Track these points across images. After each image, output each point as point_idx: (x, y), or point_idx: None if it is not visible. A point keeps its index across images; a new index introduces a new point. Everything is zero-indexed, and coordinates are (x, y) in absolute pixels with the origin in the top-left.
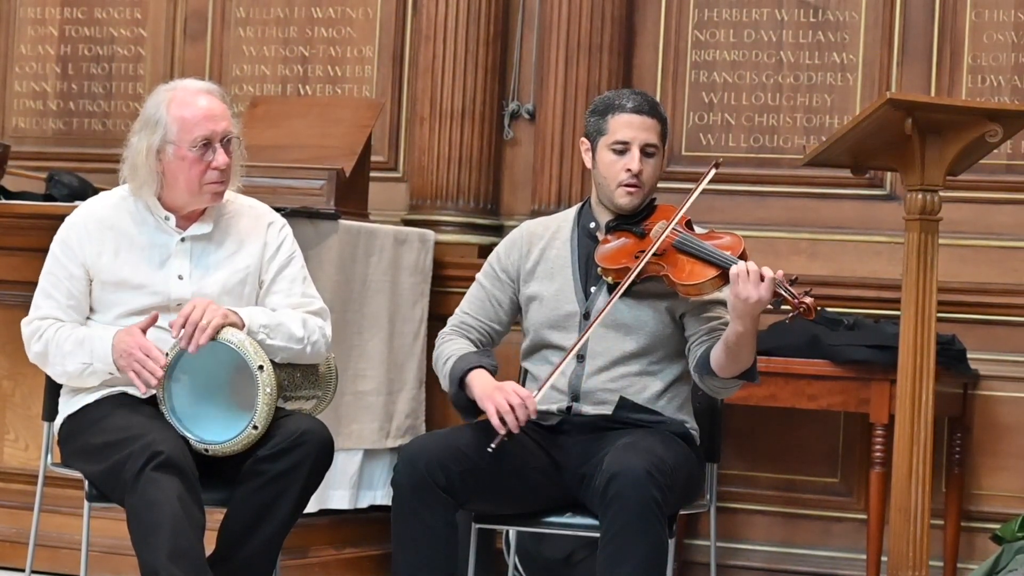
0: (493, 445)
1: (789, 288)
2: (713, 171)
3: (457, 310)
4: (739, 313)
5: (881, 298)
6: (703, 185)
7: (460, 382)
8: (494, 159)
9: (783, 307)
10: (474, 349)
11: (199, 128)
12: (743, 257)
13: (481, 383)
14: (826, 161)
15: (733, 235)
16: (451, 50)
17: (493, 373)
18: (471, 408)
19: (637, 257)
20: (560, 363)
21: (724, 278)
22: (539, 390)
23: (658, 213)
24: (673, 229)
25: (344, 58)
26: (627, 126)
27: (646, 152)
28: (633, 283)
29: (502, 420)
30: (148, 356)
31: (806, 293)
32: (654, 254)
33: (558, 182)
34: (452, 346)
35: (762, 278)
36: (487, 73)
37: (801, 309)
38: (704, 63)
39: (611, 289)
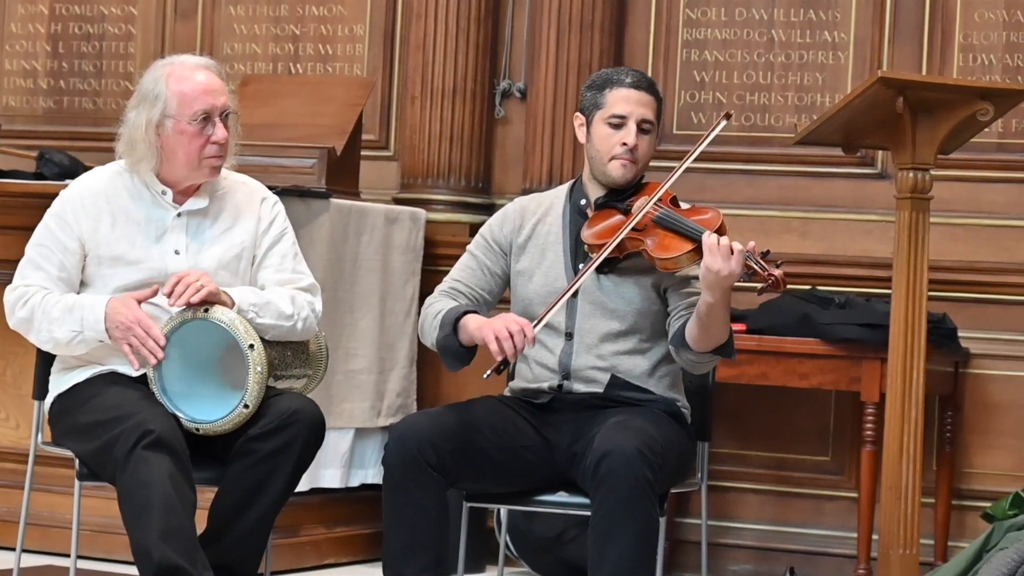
0: (490, 371)
1: (759, 260)
2: (724, 122)
3: (446, 278)
4: (709, 284)
5: (872, 276)
6: (713, 134)
7: (454, 325)
8: (485, 137)
9: (753, 280)
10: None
11: (199, 102)
12: (720, 231)
13: (478, 319)
14: (817, 140)
15: (714, 210)
16: (442, 28)
17: None
18: (460, 353)
19: (620, 230)
20: (550, 307)
21: (700, 252)
22: (538, 321)
23: (645, 191)
24: (655, 204)
25: (335, 36)
26: (625, 100)
27: (642, 128)
28: (618, 260)
29: (500, 348)
30: (148, 334)
31: (777, 266)
32: (635, 229)
33: (549, 160)
34: (443, 304)
35: (732, 251)
36: (478, 51)
37: (770, 282)
38: (695, 42)
39: (598, 267)
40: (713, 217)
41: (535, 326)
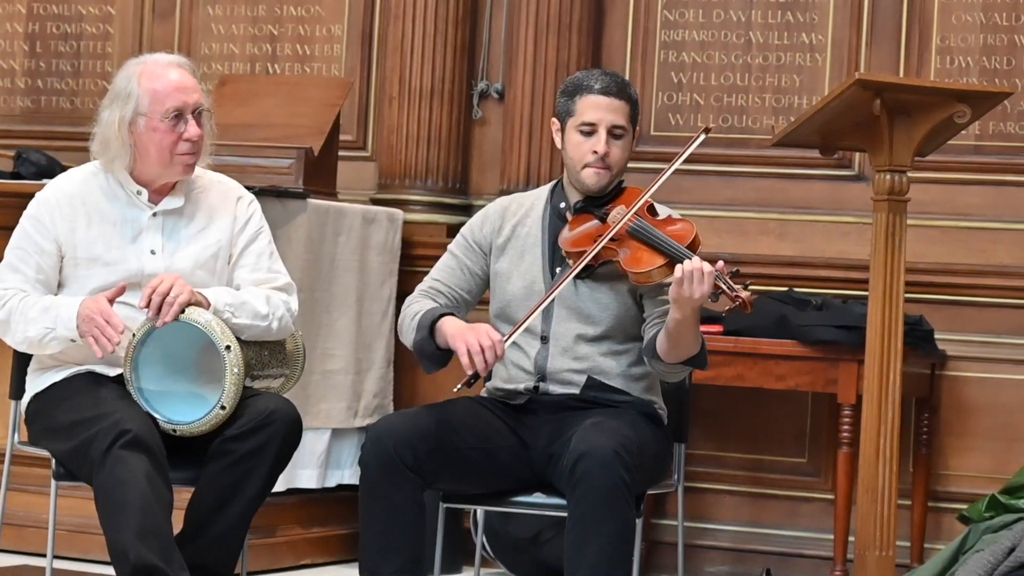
0: (460, 385)
1: (728, 281)
2: (703, 136)
3: (426, 278)
4: (679, 304)
5: (849, 278)
6: (691, 149)
7: (431, 327)
8: (463, 138)
9: (721, 299)
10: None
11: (171, 99)
12: (693, 244)
13: (454, 324)
14: (795, 141)
15: (687, 221)
16: (420, 29)
17: None
18: (436, 356)
19: (596, 241)
20: (524, 319)
21: (671, 267)
22: (508, 336)
23: (623, 197)
24: (632, 215)
25: (313, 37)
26: (594, 108)
27: (613, 134)
28: (593, 268)
29: (471, 363)
30: (108, 323)
31: (745, 287)
32: (611, 239)
33: (527, 162)
34: (422, 305)
35: (703, 273)
36: (456, 52)
37: (737, 303)
38: (673, 43)
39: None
40: (686, 230)
41: (506, 340)
